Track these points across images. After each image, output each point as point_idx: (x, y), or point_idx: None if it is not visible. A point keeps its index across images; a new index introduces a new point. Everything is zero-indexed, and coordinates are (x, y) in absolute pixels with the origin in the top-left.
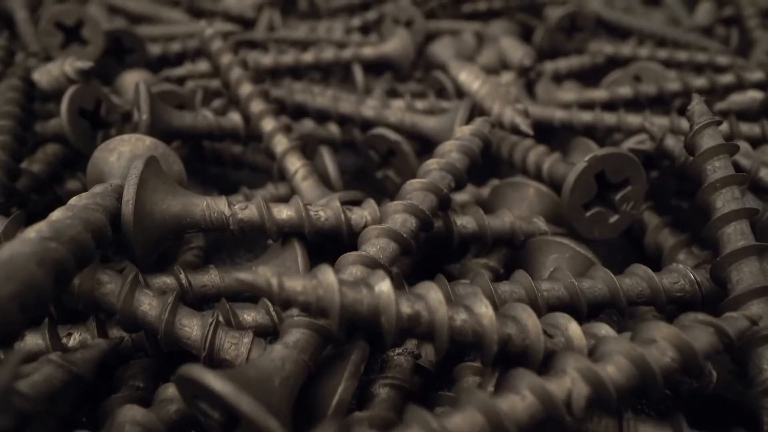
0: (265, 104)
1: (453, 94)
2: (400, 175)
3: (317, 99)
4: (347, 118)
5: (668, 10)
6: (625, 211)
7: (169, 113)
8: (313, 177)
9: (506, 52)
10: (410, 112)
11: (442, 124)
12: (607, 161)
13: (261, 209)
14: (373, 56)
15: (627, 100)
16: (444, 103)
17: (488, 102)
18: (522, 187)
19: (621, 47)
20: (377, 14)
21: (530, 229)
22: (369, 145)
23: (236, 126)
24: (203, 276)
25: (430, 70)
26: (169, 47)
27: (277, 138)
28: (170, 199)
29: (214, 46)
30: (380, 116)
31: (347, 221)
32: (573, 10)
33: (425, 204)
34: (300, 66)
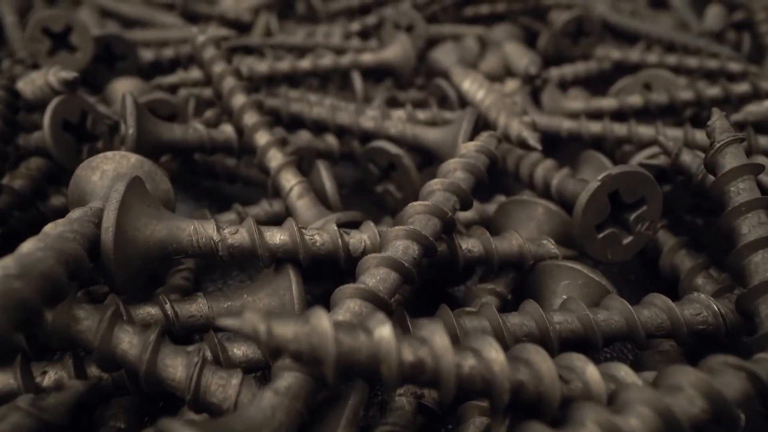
0: (259, 116)
1: (456, 104)
2: (400, 190)
3: (314, 109)
4: (345, 130)
5: (676, 14)
6: (640, 232)
7: (157, 126)
8: (308, 195)
9: (510, 58)
10: (411, 124)
11: (445, 137)
12: (622, 180)
13: (252, 234)
14: (372, 63)
15: (637, 109)
16: (447, 114)
17: (493, 113)
18: (530, 206)
19: (629, 53)
20: (377, 18)
21: (539, 252)
22: (368, 159)
23: (229, 139)
24: (190, 305)
25: (432, 78)
26: (161, 53)
27: (271, 153)
28: (154, 224)
29: (207, 53)
30: (380, 128)
31: (345, 246)
32: (579, 14)
33: (428, 229)
34: (297, 73)
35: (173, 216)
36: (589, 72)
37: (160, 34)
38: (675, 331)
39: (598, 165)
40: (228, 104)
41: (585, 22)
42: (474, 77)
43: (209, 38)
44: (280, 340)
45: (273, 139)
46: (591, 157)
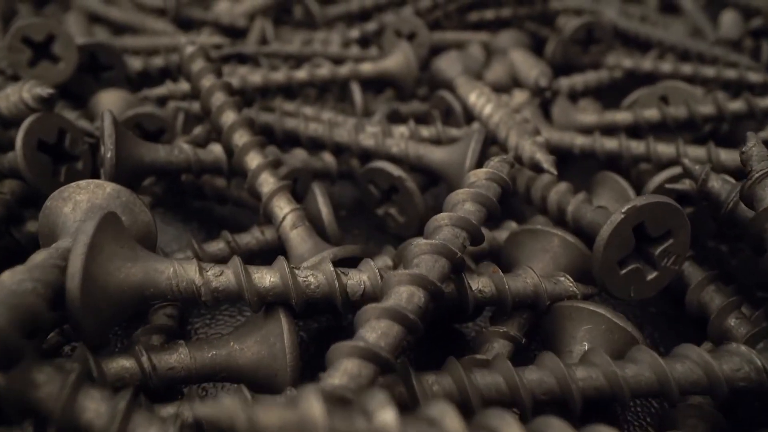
0: (250, 136)
1: (461, 117)
2: (403, 214)
3: (310, 126)
4: (344, 148)
5: (689, 19)
6: (666, 267)
7: (139, 147)
8: (303, 224)
9: (518, 68)
10: (414, 142)
11: (451, 157)
12: (648, 211)
13: (239, 276)
14: (372, 73)
15: (653, 124)
16: (453, 131)
17: (503, 131)
18: (545, 237)
19: (641, 61)
20: (377, 25)
21: (557, 290)
22: (368, 180)
23: (218, 160)
24: (170, 356)
25: (435, 88)
26: (150, 62)
27: (262, 177)
28: (129, 267)
29: (195, 66)
30: (381, 146)
31: (342, 288)
32: (589, 20)
33: (435, 272)
34: (293, 84)
35: (151, 256)
36: (600, 82)
37: (151, 42)
38: (713, 389)
39: (616, 188)
40: (217, 122)
41: (595, 29)
42: (480, 90)
43: (198, 49)
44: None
45: (265, 162)
46: (607, 179)
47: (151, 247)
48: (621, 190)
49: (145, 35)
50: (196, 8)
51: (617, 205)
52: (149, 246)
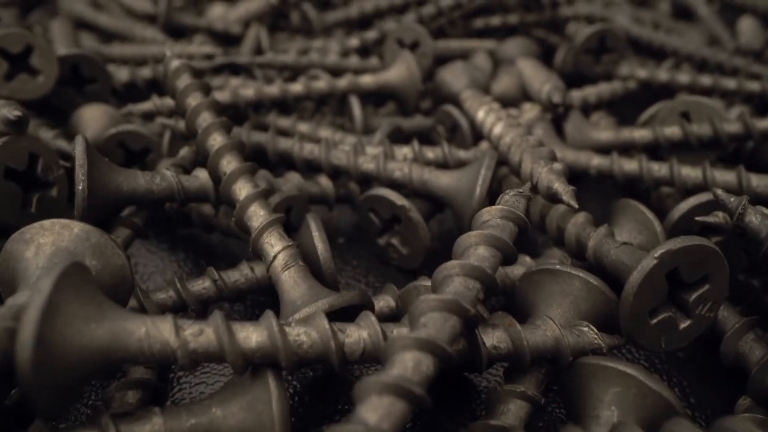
0: (239, 161)
1: (468, 135)
2: (406, 245)
3: (305, 148)
4: (342, 172)
5: (705, 26)
6: (701, 315)
7: (116, 176)
8: (296, 265)
9: (527, 79)
10: (419, 166)
11: (459, 183)
12: (683, 255)
13: (221, 336)
14: (373, 86)
15: (675, 142)
16: (461, 153)
17: (515, 155)
18: (565, 278)
19: (656, 72)
20: (378, 33)
21: (580, 344)
22: (369, 208)
23: (203, 187)
24: (143, 426)
25: (440, 102)
26: (137, 73)
27: (252, 209)
28: (93, 329)
29: (180, 82)
30: (382, 171)
31: (339, 348)
32: (602, 28)
33: (445, 333)
34: (288, 98)
35: (120, 314)
36: (613, 94)
37: (139, 51)
38: None
39: (639, 218)
40: (203, 145)
41: (608, 37)
42: (489, 106)
43: (183, 64)
44: None
45: (254, 193)
46: (629, 208)
47: (125, 294)
48: (645, 221)
49: (134, 43)
50: (188, 14)
51: (641, 236)
52: (123, 293)
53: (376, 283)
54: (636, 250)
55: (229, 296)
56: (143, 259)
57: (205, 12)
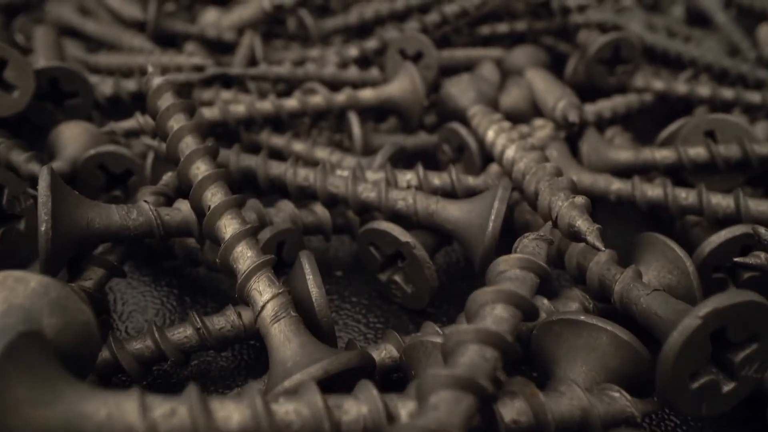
0: (225, 194)
1: (477, 156)
2: (410, 283)
3: (300, 174)
4: (340, 200)
5: (723, 34)
6: (748, 377)
7: (86, 211)
8: (287, 315)
9: (539, 93)
10: (424, 195)
11: (469, 217)
12: (731, 314)
13: (196, 417)
14: (373, 101)
15: (700, 164)
16: (470, 180)
17: (531, 184)
18: (591, 331)
19: (674, 83)
20: (378, 43)
21: (611, 412)
22: (369, 242)
23: (186, 223)
24: None
25: (444, 117)
26: (122, 86)
27: (238, 250)
28: (44, 416)
29: (162, 102)
30: (384, 201)
31: (334, 428)
32: (617, 36)
33: (458, 417)
34: (282, 114)
35: (76, 392)
36: (629, 108)
37: (126, 60)
38: None
39: (668, 256)
40: (186, 174)
41: (623, 47)
42: (499, 125)
43: (166, 81)
44: None
45: (242, 231)
46: (656, 244)
47: (91, 354)
48: (675, 259)
49: (121, 53)
50: (179, 21)
51: (671, 276)
52: (90, 353)
53: (377, 323)
54: (670, 299)
55: (213, 345)
56: (122, 295)
57: (198, 18)
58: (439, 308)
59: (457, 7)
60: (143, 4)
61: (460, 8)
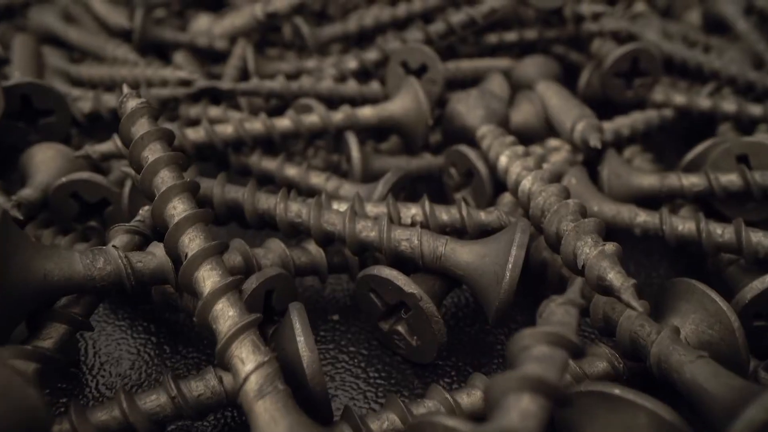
0: (204, 238)
1: (487, 183)
2: (415, 336)
3: (291, 209)
4: (337, 239)
5: (745, 43)
6: None
7: (42, 264)
8: (273, 389)
9: (552, 110)
10: (431, 236)
11: (483, 263)
12: None
13: None
14: (374, 120)
15: (733, 193)
16: (481, 215)
17: (552, 223)
18: (627, 410)
19: (696, 98)
20: (379, 54)
21: None
22: (369, 289)
23: (161, 270)
24: None
25: (450, 136)
26: (102, 102)
27: (219, 307)
28: None
29: (137, 128)
30: (386, 241)
31: None
32: (635, 47)
33: None
34: (274, 135)
35: None
36: (649, 125)
37: (109, 72)
38: None
39: (708, 308)
40: (160, 214)
41: (642, 59)
42: (512, 150)
43: (142, 105)
44: None
45: (223, 285)
46: (693, 293)
47: None
48: (717, 312)
49: (103, 64)
50: (168, 29)
51: (711, 332)
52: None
53: (378, 378)
54: (719, 370)
55: (190, 415)
56: (94, 343)
57: (189, 25)
58: (446, 359)
59: (464, 15)
60: (131, 11)
61: (467, 17)
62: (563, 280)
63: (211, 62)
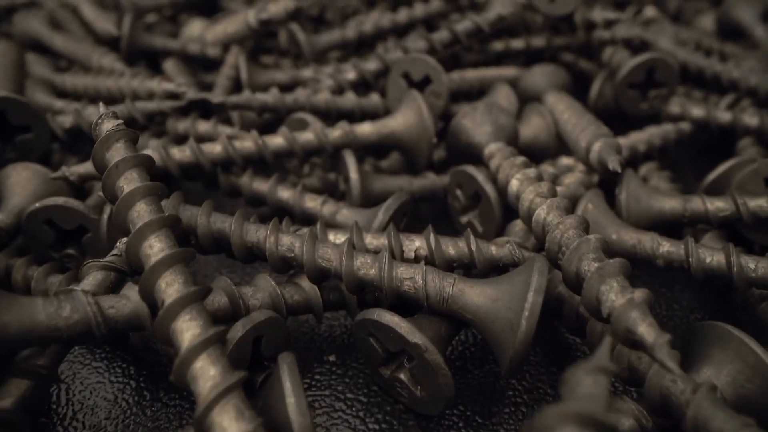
0: (185, 282)
1: (497, 208)
2: (418, 384)
3: (283, 242)
4: (333, 275)
5: (763, 51)
6: None
7: (2, 313)
8: None
9: (564, 125)
10: (438, 275)
11: (495, 307)
12: None
13: None
14: (374, 137)
15: (763, 219)
16: (492, 248)
17: (571, 262)
18: None
19: (715, 111)
20: (379, 64)
21: None
22: (368, 334)
23: (136, 316)
24: None
25: (455, 154)
26: (84, 117)
27: (198, 366)
28: None
29: (112, 154)
30: (387, 281)
31: None
32: (651, 57)
33: None
34: (266, 155)
35: None
36: (666, 140)
37: (94, 83)
38: None
39: (747, 360)
40: (135, 254)
41: (659, 69)
42: (524, 174)
43: (118, 128)
44: None
45: (203, 340)
46: (728, 341)
47: None
48: (757, 365)
49: (88, 74)
50: (158, 35)
51: (750, 386)
52: None
53: (378, 430)
54: None
55: None
56: (69, 387)
57: (182, 30)
58: (453, 407)
59: (470, 23)
60: (120, 17)
61: (473, 25)
62: (581, 319)
63: (204, 70)
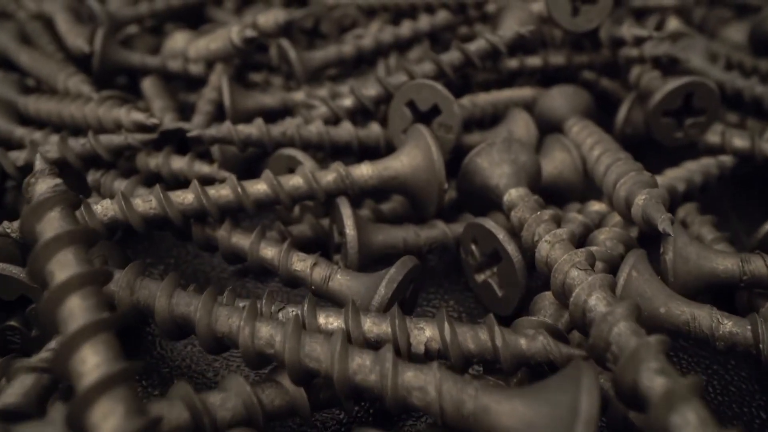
0: (125, 414)
1: (520, 273)
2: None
3: (260, 335)
4: (323, 377)
5: None
6: None
7: None
8: None
9: (593, 164)
10: (455, 384)
11: (531, 429)
12: None
13: None
14: (374, 182)
15: None
16: (521, 342)
17: (627, 372)
18: None
19: (761, 142)
20: (380, 89)
21: None
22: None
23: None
24: None
25: (466, 195)
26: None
27: None
28: None
29: (42, 227)
30: (392, 390)
31: None
32: (691, 81)
33: None
34: (247, 206)
35: None
36: (707, 177)
37: (58, 108)
38: None
39: None
40: (65, 369)
41: (698, 95)
42: (556, 237)
43: (55, 193)
44: None
45: None
46: None
47: None
48: None
49: (53, 98)
50: (136, 51)
51: None
52: None
53: None
54: None
55: None
56: None
57: (164, 43)
58: None
59: (485, 43)
60: (94, 30)
61: (488, 45)
62: (630, 428)
63: (186, 89)
